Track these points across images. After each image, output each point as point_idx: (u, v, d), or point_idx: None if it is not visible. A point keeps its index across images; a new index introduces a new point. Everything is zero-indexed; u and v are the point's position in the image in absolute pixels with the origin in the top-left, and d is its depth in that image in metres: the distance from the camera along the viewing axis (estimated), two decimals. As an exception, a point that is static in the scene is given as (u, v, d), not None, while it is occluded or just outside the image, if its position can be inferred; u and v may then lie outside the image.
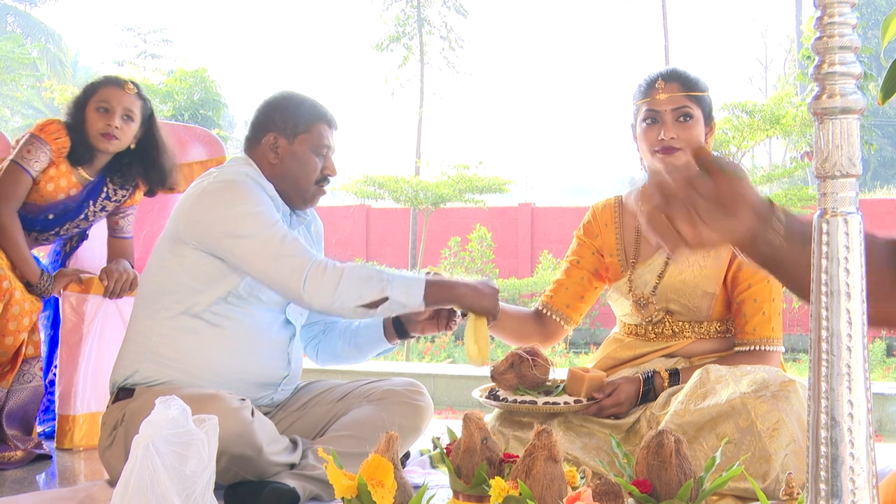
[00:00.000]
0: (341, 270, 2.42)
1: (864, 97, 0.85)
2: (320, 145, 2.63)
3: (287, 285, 2.43)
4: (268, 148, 2.62)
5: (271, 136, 2.62)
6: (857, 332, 0.84)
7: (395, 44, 24.65)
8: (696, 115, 2.51)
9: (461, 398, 7.33)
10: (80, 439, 3.20)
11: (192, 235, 2.51)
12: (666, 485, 1.72)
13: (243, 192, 2.50)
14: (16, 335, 2.95)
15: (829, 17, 0.85)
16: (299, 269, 2.40)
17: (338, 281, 2.40)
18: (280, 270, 2.43)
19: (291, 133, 2.61)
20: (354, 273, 2.42)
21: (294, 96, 2.69)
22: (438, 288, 2.48)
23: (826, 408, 0.84)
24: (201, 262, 2.53)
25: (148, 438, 1.65)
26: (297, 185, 2.63)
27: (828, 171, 0.86)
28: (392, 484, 1.67)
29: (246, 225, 2.45)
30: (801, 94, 15.00)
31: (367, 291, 2.42)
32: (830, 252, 0.85)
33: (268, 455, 2.34)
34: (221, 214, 2.48)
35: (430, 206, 14.15)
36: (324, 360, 2.91)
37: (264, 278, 2.47)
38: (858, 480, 0.83)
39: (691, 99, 2.51)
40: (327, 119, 2.66)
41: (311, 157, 2.62)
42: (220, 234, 2.48)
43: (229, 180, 2.54)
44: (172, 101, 15.67)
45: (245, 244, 2.45)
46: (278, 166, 2.62)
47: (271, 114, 2.65)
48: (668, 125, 2.49)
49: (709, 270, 2.54)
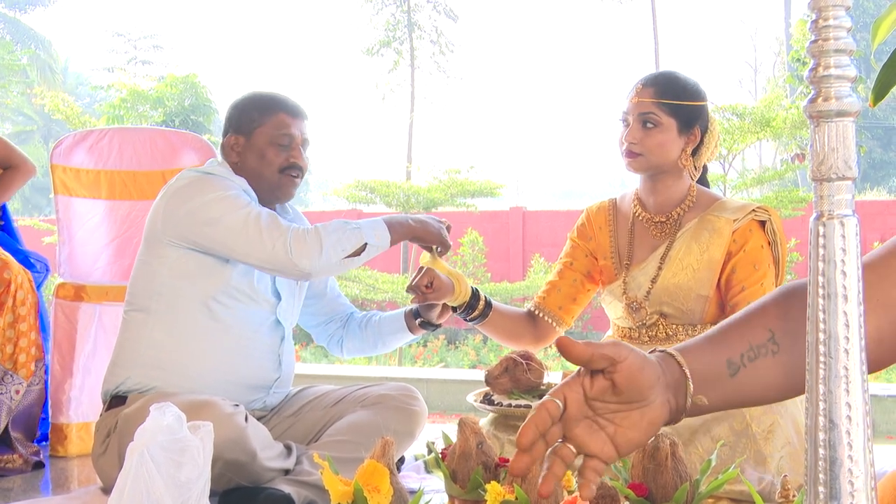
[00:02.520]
0: (318, 232, 2.47)
1: (859, 100, 0.86)
2: (279, 135, 2.64)
3: (275, 258, 2.45)
4: (229, 149, 2.67)
5: (231, 137, 2.67)
6: (854, 334, 0.84)
7: (385, 48, 24.66)
8: (666, 123, 2.53)
9: (454, 402, 7.33)
10: (75, 448, 3.20)
11: (171, 232, 2.53)
12: (662, 488, 1.72)
13: (212, 181, 2.54)
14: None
15: (824, 21, 0.85)
16: (281, 241, 2.43)
17: (320, 241, 2.45)
18: (263, 246, 2.44)
19: (247, 129, 2.65)
20: (330, 230, 2.48)
21: (252, 93, 2.73)
22: (398, 225, 2.57)
23: (824, 410, 0.85)
24: (183, 258, 2.53)
25: (143, 445, 1.64)
26: (262, 177, 2.64)
27: (823, 173, 0.86)
28: (388, 489, 1.67)
29: (220, 208, 2.48)
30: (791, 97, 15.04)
31: (347, 243, 2.49)
32: (827, 255, 0.85)
33: (262, 461, 2.34)
34: (196, 204, 2.50)
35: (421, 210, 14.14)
36: (350, 352, 2.94)
37: (249, 258, 2.48)
38: (857, 482, 0.84)
39: (662, 106, 2.53)
40: (286, 109, 2.67)
41: (269, 148, 2.63)
42: (197, 222, 2.49)
43: (199, 174, 2.59)
44: (163, 106, 15.64)
45: (223, 228, 2.46)
46: (240, 164, 2.66)
47: (231, 115, 2.71)
48: (632, 129, 2.54)
49: (703, 273, 2.54)
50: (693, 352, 1.12)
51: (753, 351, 1.12)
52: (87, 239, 3.45)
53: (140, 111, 15.49)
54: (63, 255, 3.46)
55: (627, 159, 2.57)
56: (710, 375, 1.12)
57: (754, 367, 1.12)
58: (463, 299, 2.64)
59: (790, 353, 1.12)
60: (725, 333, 1.15)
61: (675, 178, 2.61)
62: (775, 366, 1.12)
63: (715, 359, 1.12)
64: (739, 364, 1.12)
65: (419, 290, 2.60)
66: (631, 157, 2.56)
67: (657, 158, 2.54)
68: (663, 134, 2.53)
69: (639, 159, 2.55)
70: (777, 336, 1.13)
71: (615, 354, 1.05)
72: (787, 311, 1.14)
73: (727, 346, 1.13)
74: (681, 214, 2.61)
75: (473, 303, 2.66)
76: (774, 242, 2.54)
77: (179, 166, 3.55)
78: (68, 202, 3.49)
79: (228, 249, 2.48)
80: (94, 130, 3.65)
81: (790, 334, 1.12)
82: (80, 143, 3.54)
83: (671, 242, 2.59)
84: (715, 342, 1.14)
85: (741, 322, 1.16)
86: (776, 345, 1.12)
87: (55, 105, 14.48)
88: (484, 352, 11.96)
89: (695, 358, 1.11)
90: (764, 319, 1.14)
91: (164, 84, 15.97)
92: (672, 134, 2.54)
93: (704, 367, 1.11)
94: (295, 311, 2.76)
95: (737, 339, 1.13)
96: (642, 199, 2.67)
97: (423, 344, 12.21)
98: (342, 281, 13.45)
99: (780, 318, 1.13)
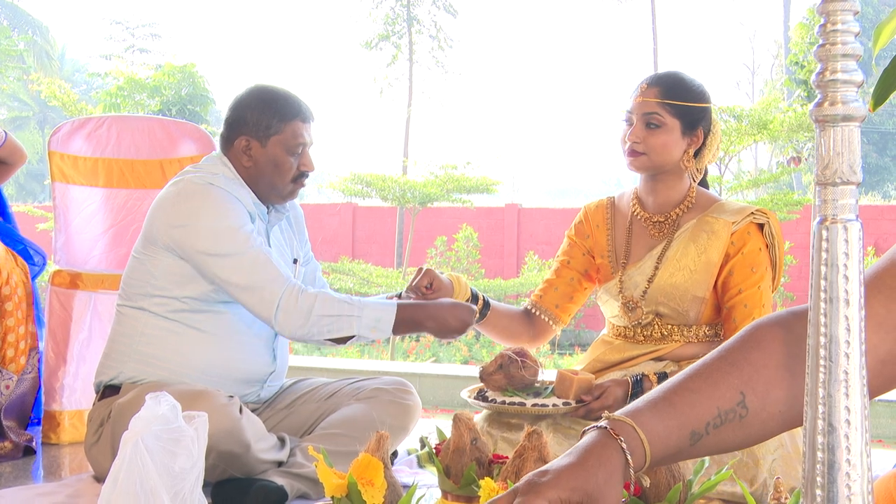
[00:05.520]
0: (312, 302, 2.42)
1: (865, 105, 0.86)
2: (294, 144, 2.59)
3: (258, 313, 2.46)
4: (241, 151, 2.60)
5: (243, 140, 2.59)
6: (854, 338, 0.84)
7: (384, 42, 24.64)
8: (669, 123, 2.53)
9: (446, 397, 7.34)
10: (67, 435, 3.19)
11: (168, 241, 2.50)
12: (655, 487, 1.72)
13: (216, 204, 2.48)
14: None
15: (832, 25, 0.85)
16: (270, 300, 2.42)
17: (308, 314, 2.41)
18: (251, 298, 2.45)
19: (264, 135, 2.58)
20: (325, 306, 2.43)
21: (266, 94, 2.63)
22: (408, 320, 2.47)
23: (823, 414, 0.85)
24: (174, 264, 2.52)
25: (137, 434, 1.64)
26: (273, 185, 2.61)
27: (828, 178, 0.86)
28: (382, 483, 1.67)
29: (218, 244, 2.45)
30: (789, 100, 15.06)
31: (336, 327, 2.44)
32: (830, 259, 0.85)
33: (256, 452, 2.34)
34: (195, 228, 2.47)
35: (417, 205, 14.14)
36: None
37: (236, 299, 2.48)
38: (854, 487, 0.84)
39: (666, 107, 2.52)
40: (301, 115, 2.61)
41: (286, 158, 2.59)
42: (193, 248, 2.47)
43: (204, 187, 2.51)
44: (160, 95, 15.61)
45: (218, 264, 2.45)
46: (252, 169, 2.60)
47: (243, 114, 2.60)
48: (636, 129, 2.54)
49: (699, 275, 2.54)
50: (657, 427, 1.08)
51: (720, 417, 1.09)
52: (83, 227, 3.44)
53: (137, 100, 15.46)
54: (59, 243, 3.45)
55: (630, 158, 2.57)
56: (670, 448, 1.09)
57: (718, 434, 1.10)
58: (462, 300, 2.64)
59: (758, 415, 1.10)
60: (693, 395, 1.10)
61: (676, 179, 2.61)
62: (740, 429, 1.10)
63: (679, 432, 1.09)
64: (703, 433, 1.09)
65: (419, 290, 2.61)
66: (633, 156, 2.56)
67: (659, 158, 2.54)
68: (667, 134, 2.53)
69: (641, 158, 2.55)
70: (748, 399, 1.09)
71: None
72: (758, 365, 1.10)
73: (694, 414, 1.09)
74: (679, 215, 2.61)
75: (472, 303, 2.67)
76: (772, 245, 2.55)
77: (178, 156, 3.54)
78: (65, 189, 3.47)
79: (217, 282, 2.48)
80: (92, 118, 3.63)
81: (760, 393, 1.09)
82: (79, 131, 3.53)
83: (669, 242, 2.59)
84: (681, 410, 1.10)
85: (710, 378, 1.11)
86: (745, 409, 1.09)
87: (51, 92, 14.45)
88: (476, 348, 11.97)
89: (658, 436, 1.08)
90: (735, 378, 1.10)
91: (161, 73, 15.93)
92: (675, 135, 2.54)
93: (665, 442, 1.09)
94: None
95: (705, 403, 1.10)
96: (641, 199, 2.67)
97: (416, 339, 12.20)
98: (336, 274, 13.44)
99: (753, 375, 1.10)
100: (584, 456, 1.06)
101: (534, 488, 1.03)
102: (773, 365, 1.10)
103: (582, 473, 1.04)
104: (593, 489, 1.03)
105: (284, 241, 2.75)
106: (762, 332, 1.13)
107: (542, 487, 1.03)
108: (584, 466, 1.05)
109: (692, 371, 1.13)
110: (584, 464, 1.05)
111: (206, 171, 2.57)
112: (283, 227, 2.76)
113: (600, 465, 1.05)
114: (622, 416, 1.10)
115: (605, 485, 1.04)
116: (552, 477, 1.04)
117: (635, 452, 1.07)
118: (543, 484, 1.03)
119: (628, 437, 1.07)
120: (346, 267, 13.83)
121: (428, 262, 14.25)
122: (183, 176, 2.58)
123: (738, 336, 1.15)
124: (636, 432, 1.07)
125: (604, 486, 1.04)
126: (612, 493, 1.05)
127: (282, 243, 2.73)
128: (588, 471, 1.05)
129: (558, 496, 1.02)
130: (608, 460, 1.06)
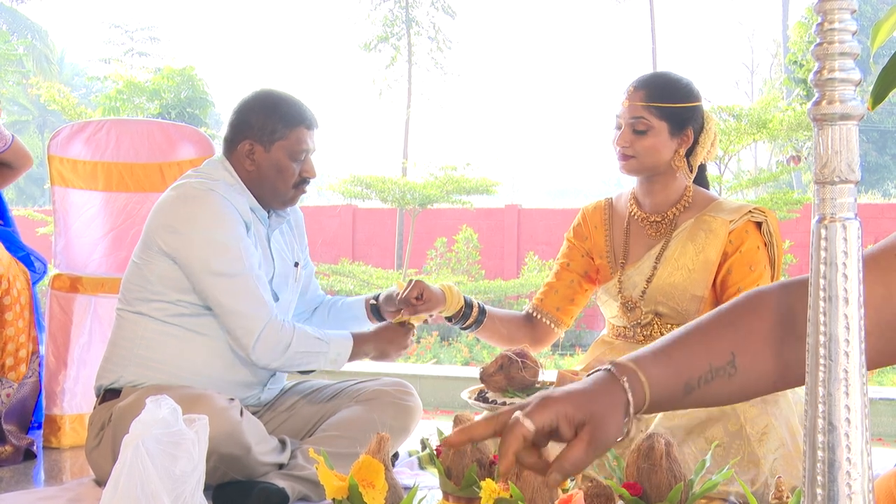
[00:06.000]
0: (290, 337, 2.51)
1: (863, 103, 0.85)
2: (298, 150, 2.59)
3: (237, 338, 2.50)
4: (244, 155, 2.59)
5: (247, 144, 2.58)
6: (854, 337, 0.84)
7: (383, 44, 24.65)
8: (656, 126, 2.53)
9: (447, 399, 7.33)
10: (68, 439, 3.19)
11: (166, 248, 2.50)
12: (656, 488, 1.73)
13: (214, 212, 2.48)
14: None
15: (829, 24, 0.85)
16: (252, 329, 2.47)
17: (286, 348, 2.50)
18: (233, 322, 2.48)
19: (268, 140, 2.57)
20: (301, 342, 2.53)
21: (270, 99, 2.62)
22: (357, 351, 2.64)
23: (823, 412, 0.85)
24: (170, 269, 2.51)
25: (138, 438, 1.64)
26: (276, 191, 2.61)
27: (827, 176, 0.86)
28: (383, 485, 1.67)
29: (211, 260, 2.46)
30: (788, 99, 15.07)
31: (306, 361, 2.55)
32: (829, 257, 0.85)
33: (256, 455, 2.34)
34: (189, 237, 2.47)
35: (416, 206, 14.15)
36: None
37: (218, 317, 2.51)
38: (854, 485, 0.84)
39: (652, 110, 2.53)
40: (306, 122, 2.61)
41: (289, 164, 2.59)
42: (186, 257, 2.48)
43: (204, 192, 2.50)
44: (160, 99, 15.62)
45: (207, 281, 2.47)
46: (255, 173, 2.59)
47: (248, 118, 2.59)
48: (624, 133, 2.56)
49: (698, 274, 2.54)
50: (656, 373, 1.15)
51: (712, 373, 1.16)
52: (83, 230, 3.44)
53: (136, 103, 15.47)
54: (59, 247, 3.45)
55: (621, 162, 2.60)
56: (665, 395, 1.16)
57: (708, 388, 1.17)
58: (455, 309, 2.65)
59: (745, 375, 1.16)
60: (689, 350, 1.17)
61: (670, 179, 2.61)
62: (728, 386, 1.17)
63: (675, 381, 1.16)
64: (696, 387, 1.16)
65: (409, 301, 2.62)
66: (624, 160, 2.58)
67: (649, 161, 2.56)
68: (654, 137, 2.54)
69: (631, 162, 2.57)
70: (737, 359, 1.16)
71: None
72: (751, 329, 1.16)
73: (688, 367, 1.16)
74: (676, 215, 2.61)
75: (467, 311, 2.67)
76: (771, 244, 2.55)
77: (177, 159, 3.54)
78: (65, 193, 3.47)
79: (204, 297, 2.50)
80: (91, 121, 3.63)
81: (749, 355, 1.16)
82: (78, 135, 3.52)
83: (667, 242, 2.59)
84: (678, 362, 1.17)
85: (706, 336, 1.18)
86: (734, 368, 1.16)
87: (51, 95, 14.44)
88: (477, 349, 11.96)
89: (657, 382, 1.15)
90: (728, 339, 1.17)
91: (160, 76, 15.95)
92: (663, 136, 2.55)
93: (663, 389, 1.15)
94: (291, 309, 2.76)
95: (699, 358, 1.16)
96: (638, 199, 2.68)
97: (417, 340, 12.20)
98: (336, 276, 13.44)
99: (744, 338, 1.16)
100: (591, 386, 1.14)
101: (542, 402, 1.12)
102: (765, 330, 1.16)
103: (588, 396, 1.13)
104: (596, 411, 1.11)
105: (285, 245, 2.75)
106: (760, 298, 1.19)
107: (549, 401, 1.12)
108: (590, 392, 1.13)
109: (691, 327, 1.21)
110: (590, 391, 1.14)
111: (206, 177, 2.57)
112: (283, 231, 2.76)
113: (605, 394, 1.13)
114: (626, 360, 1.17)
115: (608, 411, 1.12)
116: (560, 394, 1.12)
117: (636, 394, 1.14)
118: (551, 398, 1.12)
119: (631, 378, 1.14)
120: (346, 269, 13.84)
121: (428, 264, 14.27)
122: (184, 180, 2.58)
123: (738, 298, 1.21)
124: (638, 375, 1.14)
125: (606, 413, 1.12)
126: (613, 421, 1.12)
127: (283, 247, 2.73)
128: (593, 396, 1.13)
129: (564, 410, 1.10)
130: (612, 393, 1.14)
